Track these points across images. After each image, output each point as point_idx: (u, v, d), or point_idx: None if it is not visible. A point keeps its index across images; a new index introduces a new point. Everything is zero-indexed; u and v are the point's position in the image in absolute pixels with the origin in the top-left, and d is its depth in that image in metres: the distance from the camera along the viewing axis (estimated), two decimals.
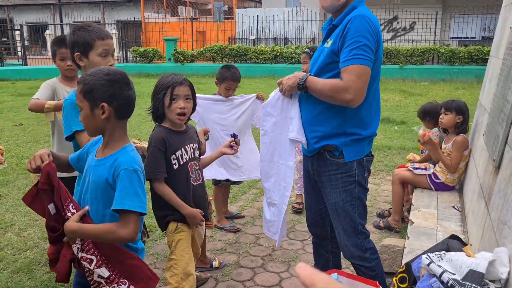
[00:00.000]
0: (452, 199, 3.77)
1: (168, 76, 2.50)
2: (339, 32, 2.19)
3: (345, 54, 2.12)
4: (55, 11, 30.54)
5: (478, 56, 15.06)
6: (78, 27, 2.39)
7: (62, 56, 3.18)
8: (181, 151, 2.50)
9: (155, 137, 2.45)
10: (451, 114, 3.79)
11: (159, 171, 2.42)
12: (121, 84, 1.81)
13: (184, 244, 2.51)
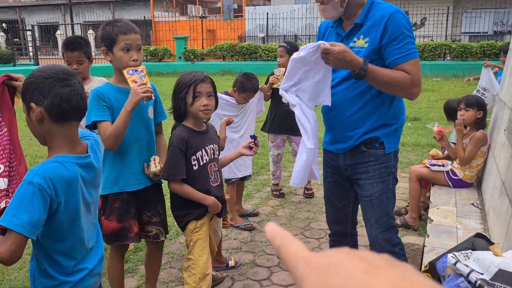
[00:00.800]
0: (471, 196, 3.70)
1: (189, 74, 2.48)
2: (375, 31, 2.15)
3: (398, 50, 2.13)
4: (65, 11, 30.73)
5: (490, 51, 14.85)
6: (106, 23, 2.41)
7: (68, 60, 3.16)
8: (202, 152, 2.48)
9: (177, 137, 2.42)
10: (472, 110, 3.72)
11: (178, 172, 2.39)
12: (52, 79, 1.51)
13: (202, 244, 2.49)
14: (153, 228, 2.60)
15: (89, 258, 1.71)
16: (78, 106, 1.56)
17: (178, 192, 2.43)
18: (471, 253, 1.89)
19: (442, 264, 2.01)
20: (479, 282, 1.74)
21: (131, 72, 2.31)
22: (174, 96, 2.47)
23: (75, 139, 1.61)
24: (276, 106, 4.53)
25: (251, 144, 2.76)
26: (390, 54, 2.14)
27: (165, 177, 2.44)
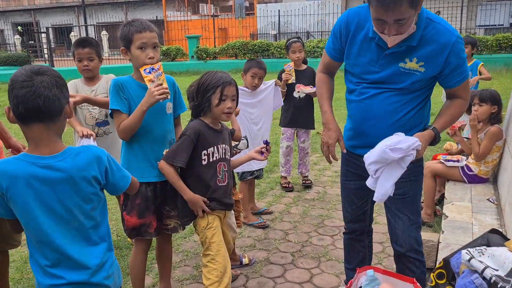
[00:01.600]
0: (487, 192, 3.66)
1: (214, 74, 2.49)
2: (435, 59, 2.10)
3: (456, 77, 2.17)
4: (79, 13, 31.08)
5: (507, 43, 14.61)
6: (125, 23, 2.47)
7: (79, 57, 3.24)
8: (213, 149, 2.50)
9: (192, 127, 2.45)
10: (487, 105, 3.67)
11: (177, 159, 2.41)
12: (14, 82, 1.54)
13: (218, 238, 2.52)
14: (172, 221, 2.66)
15: (68, 268, 1.65)
16: (37, 107, 1.53)
17: (165, 173, 2.46)
18: (485, 249, 1.87)
19: (456, 260, 1.99)
20: (494, 278, 1.73)
21: (148, 71, 2.36)
22: (198, 94, 2.48)
23: (40, 140, 1.59)
24: (289, 101, 4.64)
25: (263, 149, 2.78)
26: (449, 81, 2.19)
27: (169, 160, 2.43)
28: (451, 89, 2.22)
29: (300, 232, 3.86)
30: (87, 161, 1.66)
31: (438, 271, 2.11)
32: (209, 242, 2.51)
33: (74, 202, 1.64)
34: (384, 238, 3.67)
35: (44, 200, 1.59)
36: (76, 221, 1.66)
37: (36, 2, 33.85)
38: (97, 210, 1.73)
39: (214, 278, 2.48)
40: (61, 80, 1.62)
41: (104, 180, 1.72)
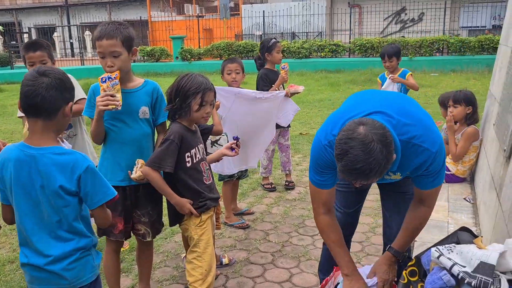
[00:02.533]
0: (464, 191, 3.72)
1: (194, 78, 2.46)
2: (413, 170, 2.07)
3: (431, 183, 2.10)
4: (62, 13, 30.73)
5: (488, 45, 14.85)
6: None
7: (31, 61, 3.05)
8: (195, 150, 2.53)
9: (175, 132, 2.45)
10: (461, 106, 3.74)
11: (164, 164, 2.40)
12: (24, 80, 1.78)
13: (207, 237, 2.55)
14: (142, 227, 2.65)
15: (29, 250, 1.84)
16: (35, 105, 1.74)
17: (148, 178, 2.44)
18: (454, 246, 1.91)
19: (427, 258, 2.03)
20: (462, 274, 1.76)
21: (104, 80, 2.34)
22: (177, 98, 2.45)
23: (35, 132, 1.79)
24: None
25: (233, 145, 2.81)
26: (421, 183, 2.11)
27: (150, 165, 2.41)
28: (420, 191, 2.14)
29: (281, 232, 3.89)
30: (62, 164, 1.76)
31: (410, 268, 2.14)
32: (198, 239, 2.51)
33: (45, 195, 1.77)
34: (364, 238, 3.71)
35: (23, 183, 1.77)
36: (45, 212, 1.80)
37: (18, 2, 33.40)
38: (71, 208, 1.81)
39: (198, 276, 2.49)
40: (62, 82, 1.79)
41: (77, 188, 1.79)
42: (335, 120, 2.06)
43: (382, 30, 21.81)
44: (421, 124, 1.98)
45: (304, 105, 9.78)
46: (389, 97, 2.21)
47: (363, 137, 1.73)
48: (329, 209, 2.24)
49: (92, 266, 1.91)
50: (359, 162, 1.72)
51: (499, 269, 1.79)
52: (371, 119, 1.84)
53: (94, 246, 1.95)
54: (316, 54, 17.01)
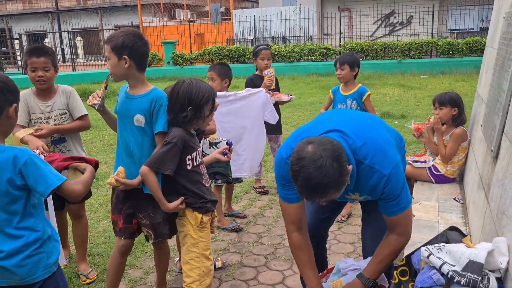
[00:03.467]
0: (453, 191, 3.77)
1: (200, 85, 2.48)
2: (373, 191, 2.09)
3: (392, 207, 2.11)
4: (53, 19, 30.65)
5: (476, 47, 15.02)
6: None
7: (33, 67, 2.97)
8: (196, 153, 2.56)
9: (178, 135, 2.44)
10: (446, 107, 3.80)
11: (164, 167, 2.40)
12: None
13: (207, 239, 2.57)
14: (144, 229, 2.70)
15: None
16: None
17: (144, 178, 2.43)
18: (444, 245, 1.94)
19: (417, 257, 2.07)
20: (451, 273, 1.80)
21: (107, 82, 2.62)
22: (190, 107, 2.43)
23: None
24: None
25: (226, 150, 2.84)
26: (384, 207, 2.13)
27: (151, 166, 2.40)
28: (387, 218, 2.15)
29: (273, 235, 3.91)
30: (2, 162, 1.81)
31: (401, 268, 2.18)
32: (198, 240, 2.51)
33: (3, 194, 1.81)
34: (356, 239, 3.74)
35: None
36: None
37: (8, 8, 33.24)
38: (17, 205, 1.85)
39: (195, 277, 2.49)
40: (5, 85, 1.84)
41: (23, 181, 1.83)
42: (296, 136, 2.16)
43: (372, 33, 21.98)
44: (375, 146, 2.03)
45: (296, 108, 9.83)
46: (350, 117, 2.29)
47: (312, 155, 1.80)
48: (300, 226, 2.25)
49: (45, 264, 1.94)
50: (313, 180, 1.79)
51: (488, 267, 1.82)
52: (320, 137, 1.92)
53: (49, 241, 1.96)
54: (307, 57, 17.09)
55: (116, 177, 2.48)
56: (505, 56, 2.65)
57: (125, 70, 2.50)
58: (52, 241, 2.00)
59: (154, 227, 2.65)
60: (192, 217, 2.52)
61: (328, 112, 2.46)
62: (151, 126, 2.53)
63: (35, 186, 1.84)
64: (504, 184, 2.13)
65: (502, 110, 2.40)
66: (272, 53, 4.75)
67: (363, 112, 2.46)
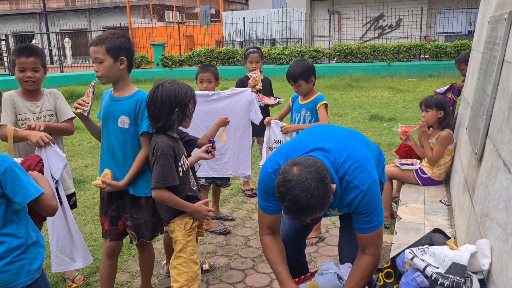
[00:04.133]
0: (439, 194, 3.80)
1: (178, 85, 2.46)
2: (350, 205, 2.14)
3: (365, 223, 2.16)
4: (41, 20, 30.39)
5: (464, 50, 15.14)
6: None
7: (21, 67, 2.89)
8: (183, 158, 2.54)
9: (165, 145, 2.40)
10: (432, 110, 3.84)
11: (173, 179, 2.39)
12: None
13: (194, 243, 2.56)
14: (129, 231, 2.70)
15: None
16: None
17: (164, 200, 2.42)
18: (428, 248, 1.96)
19: (401, 260, 2.08)
20: (435, 275, 1.81)
21: (90, 86, 2.56)
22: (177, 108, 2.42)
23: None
24: None
25: (209, 148, 2.84)
26: (357, 224, 2.18)
27: (160, 185, 2.37)
28: (359, 235, 2.19)
29: None
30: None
31: (386, 270, 2.19)
32: (186, 245, 2.51)
33: None
34: None
35: None
36: None
37: None
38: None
39: (183, 282, 2.49)
40: None
41: (1, 188, 1.79)
42: (282, 152, 2.21)
43: (361, 36, 22.12)
44: (355, 162, 2.09)
45: None
46: (333, 133, 2.34)
47: (297, 177, 1.86)
48: (273, 231, 2.33)
49: (28, 270, 1.90)
50: (299, 201, 1.85)
51: (471, 269, 1.84)
52: (305, 157, 1.98)
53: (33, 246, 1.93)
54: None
55: (103, 179, 2.49)
56: (489, 60, 2.68)
57: (119, 72, 2.51)
58: (37, 246, 1.97)
59: (136, 228, 2.66)
60: (182, 222, 2.52)
61: (313, 128, 2.51)
62: (135, 127, 2.54)
63: (12, 195, 1.81)
64: (488, 186, 2.15)
65: (486, 114, 2.42)
66: (262, 55, 4.75)
67: (345, 128, 2.51)
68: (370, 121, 8.48)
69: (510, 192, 1.73)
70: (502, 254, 1.70)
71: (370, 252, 2.19)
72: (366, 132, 7.56)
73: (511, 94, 1.97)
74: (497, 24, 2.60)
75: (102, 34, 2.50)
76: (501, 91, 2.23)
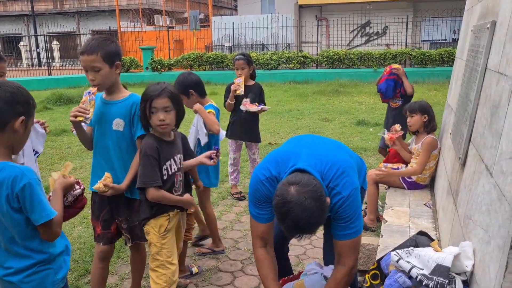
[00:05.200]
0: (424, 197, 3.88)
1: (150, 86, 2.52)
2: None
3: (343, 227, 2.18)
4: (29, 22, 30.13)
5: (448, 57, 15.43)
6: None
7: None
8: (171, 162, 2.55)
9: (148, 146, 2.45)
10: (417, 115, 3.94)
11: (155, 180, 2.43)
12: None
13: (170, 244, 2.58)
14: (124, 233, 2.73)
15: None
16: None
17: (157, 199, 2.48)
18: (412, 250, 2.02)
19: (385, 262, 2.13)
20: (420, 277, 1.87)
21: (85, 93, 2.48)
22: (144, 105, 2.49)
23: None
24: (236, 114, 4.75)
25: (213, 154, 2.85)
26: (335, 230, 2.20)
27: (142, 185, 2.45)
28: (336, 242, 2.22)
29: (250, 240, 3.90)
30: (1, 181, 1.70)
31: (373, 272, 2.25)
32: (161, 247, 2.54)
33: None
34: None
35: None
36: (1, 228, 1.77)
37: None
38: (20, 227, 1.76)
39: (162, 284, 2.53)
40: (13, 95, 1.72)
41: (18, 204, 1.72)
42: (273, 160, 2.25)
43: (349, 42, 22.33)
44: (339, 169, 2.14)
45: (273, 115, 9.92)
46: (316, 141, 2.42)
47: (296, 198, 1.91)
48: (266, 243, 2.35)
49: (52, 280, 1.87)
50: (300, 221, 1.90)
51: (454, 270, 1.90)
52: (300, 175, 2.02)
53: (59, 257, 1.91)
54: (285, 65, 17.25)
55: (105, 182, 2.49)
56: (473, 68, 2.76)
57: (115, 76, 2.54)
58: (63, 255, 1.93)
59: (131, 230, 2.68)
60: (157, 225, 2.55)
61: (299, 137, 2.61)
62: (130, 129, 2.57)
63: (29, 211, 1.73)
64: (471, 190, 2.22)
65: (469, 119, 2.50)
66: (248, 61, 4.78)
67: (328, 138, 2.60)
68: (356, 126, 8.57)
69: (492, 195, 1.80)
70: (485, 256, 1.77)
71: (345, 262, 2.20)
72: (352, 137, 7.65)
73: (493, 100, 2.05)
74: (480, 33, 2.69)
75: (91, 41, 2.45)
76: (484, 98, 2.30)
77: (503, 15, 2.15)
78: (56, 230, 1.82)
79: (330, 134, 7.93)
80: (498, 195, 1.70)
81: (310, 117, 9.72)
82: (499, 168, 1.75)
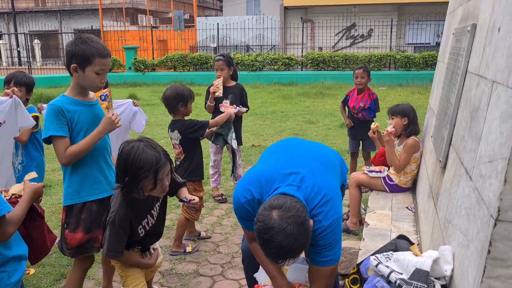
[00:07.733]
0: (406, 200, 3.87)
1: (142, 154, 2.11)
2: None
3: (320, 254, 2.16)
4: (9, 20, 29.61)
5: (432, 61, 15.60)
6: (81, 40, 2.35)
7: None
8: (147, 219, 2.42)
9: (120, 215, 2.25)
10: (397, 117, 3.95)
11: (119, 251, 2.32)
12: None
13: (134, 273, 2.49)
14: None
15: None
16: None
17: (122, 262, 2.44)
18: (392, 254, 1.99)
19: (364, 266, 2.11)
20: (399, 282, 1.84)
21: (103, 98, 2.39)
22: (126, 178, 2.16)
23: None
24: (216, 115, 4.67)
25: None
26: (312, 253, 2.18)
27: (106, 255, 2.35)
28: (311, 268, 2.22)
29: (231, 244, 3.89)
30: None
31: (352, 276, 2.22)
32: (126, 276, 2.48)
33: None
34: None
35: None
36: None
37: None
38: None
39: None
40: None
41: None
42: (256, 180, 2.17)
43: (334, 44, 22.44)
44: (325, 196, 2.09)
45: (257, 117, 9.88)
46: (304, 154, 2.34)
47: (279, 224, 1.85)
48: None
49: (5, 284, 1.82)
50: (283, 247, 1.86)
51: (433, 275, 1.88)
52: (283, 198, 1.95)
53: (13, 260, 1.85)
54: (270, 67, 17.25)
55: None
56: (454, 71, 2.76)
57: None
58: (18, 259, 1.87)
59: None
60: None
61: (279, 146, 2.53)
62: None
63: None
64: (451, 193, 2.21)
65: (450, 123, 2.49)
66: (228, 62, 4.71)
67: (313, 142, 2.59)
68: (340, 128, 8.58)
69: (471, 199, 1.79)
70: (464, 260, 1.75)
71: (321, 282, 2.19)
72: (336, 139, 7.65)
73: (473, 104, 2.03)
74: (461, 36, 2.68)
75: (101, 44, 2.38)
76: (464, 101, 2.29)
77: (483, 18, 2.14)
78: (7, 230, 1.75)
79: (314, 136, 7.92)
80: (477, 198, 1.68)
81: (294, 119, 9.71)
82: (478, 172, 1.73)
